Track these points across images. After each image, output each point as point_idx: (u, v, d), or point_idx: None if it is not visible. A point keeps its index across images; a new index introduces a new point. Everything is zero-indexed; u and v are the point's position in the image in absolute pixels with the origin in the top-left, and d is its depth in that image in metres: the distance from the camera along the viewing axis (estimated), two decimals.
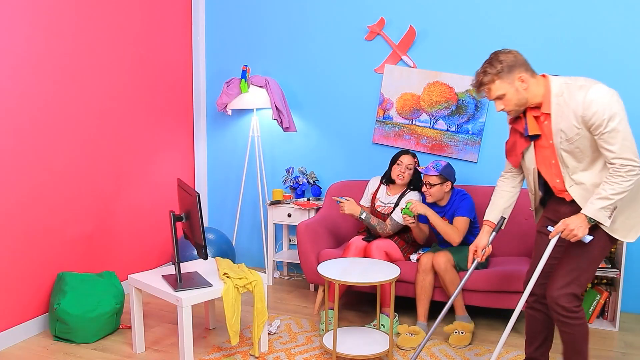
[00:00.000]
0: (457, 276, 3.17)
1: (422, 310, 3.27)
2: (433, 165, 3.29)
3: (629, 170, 2.08)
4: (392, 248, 3.39)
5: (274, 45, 4.38)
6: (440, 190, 3.29)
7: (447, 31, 3.90)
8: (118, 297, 3.29)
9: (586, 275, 2.27)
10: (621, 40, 3.54)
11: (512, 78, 2.21)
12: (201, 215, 2.75)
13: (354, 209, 3.36)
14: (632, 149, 2.08)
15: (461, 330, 3.13)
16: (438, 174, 3.26)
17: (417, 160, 3.52)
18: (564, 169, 2.27)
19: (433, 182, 3.27)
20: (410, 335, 3.16)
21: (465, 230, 3.28)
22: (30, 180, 3.18)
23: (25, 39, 3.09)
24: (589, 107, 2.10)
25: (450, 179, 3.29)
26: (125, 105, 3.86)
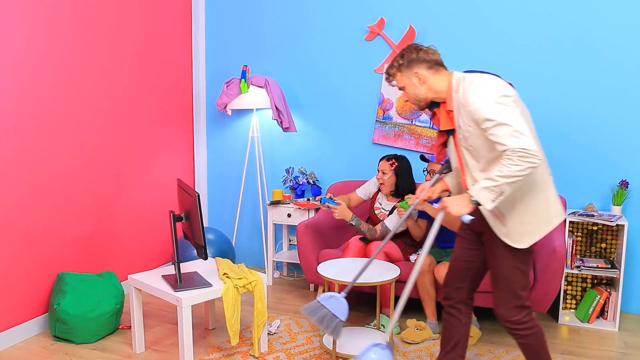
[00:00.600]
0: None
1: (429, 310, 3.27)
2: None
3: (521, 155, 1.97)
4: (392, 248, 3.39)
5: (274, 46, 4.38)
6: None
7: (447, 31, 3.90)
8: (118, 297, 3.29)
9: (518, 285, 2.22)
10: (621, 40, 3.54)
11: (409, 73, 2.26)
12: (201, 216, 2.75)
13: (345, 214, 3.35)
14: (523, 138, 1.98)
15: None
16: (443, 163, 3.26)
17: (394, 162, 3.45)
18: (466, 167, 2.23)
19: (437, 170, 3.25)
20: (416, 329, 3.16)
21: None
22: (30, 180, 3.18)
23: (24, 39, 3.09)
24: (474, 103, 2.07)
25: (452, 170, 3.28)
26: (125, 105, 3.86)
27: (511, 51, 3.77)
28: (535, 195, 2.16)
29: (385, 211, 3.50)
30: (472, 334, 3.15)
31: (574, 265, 3.44)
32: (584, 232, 3.62)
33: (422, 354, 3.05)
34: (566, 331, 3.39)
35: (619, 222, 3.32)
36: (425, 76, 2.25)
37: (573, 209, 3.67)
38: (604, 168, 3.65)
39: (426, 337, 3.18)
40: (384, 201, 3.55)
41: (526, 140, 1.98)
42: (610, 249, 3.57)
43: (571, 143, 3.71)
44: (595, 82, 3.62)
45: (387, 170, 3.45)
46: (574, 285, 3.63)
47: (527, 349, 2.30)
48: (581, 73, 3.64)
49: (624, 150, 3.60)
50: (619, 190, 3.49)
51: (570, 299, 3.65)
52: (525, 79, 3.76)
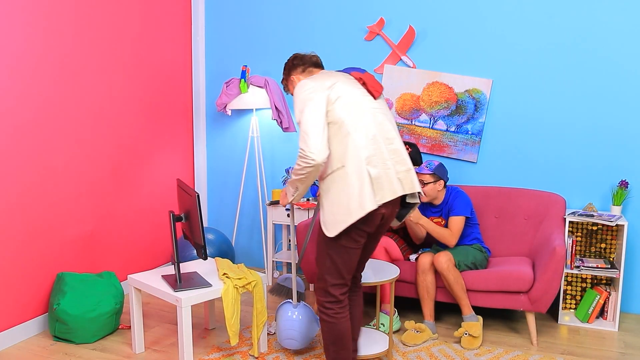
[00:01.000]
0: (459, 274, 3.17)
1: (428, 310, 3.27)
2: (426, 165, 3.34)
3: (300, 156, 2.18)
4: (392, 246, 3.39)
5: (273, 46, 4.38)
6: (433, 189, 3.33)
7: (447, 31, 3.90)
8: (117, 297, 3.29)
9: (325, 269, 2.34)
10: (621, 41, 3.54)
11: (291, 80, 2.58)
12: (201, 216, 2.75)
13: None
14: (306, 139, 2.17)
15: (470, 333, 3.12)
16: (431, 173, 3.30)
17: (407, 147, 3.49)
18: None
19: (426, 180, 3.32)
20: (415, 332, 3.17)
21: (460, 230, 3.29)
22: (30, 180, 3.18)
23: (24, 39, 3.09)
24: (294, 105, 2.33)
25: (443, 177, 3.33)
26: (124, 105, 3.86)
27: (511, 51, 3.77)
28: (342, 188, 2.24)
29: None
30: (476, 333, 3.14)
31: (574, 266, 3.45)
32: (583, 232, 3.62)
33: (422, 354, 3.05)
34: (566, 331, 3.39)
35: (619, 222, 3.32)
36: (299, 79, 2.54)
37: (573, 209, 3.67)
38: (603, 168, 3.66)
39: (427, 338, 3.18)
40: None
41: (307, 141, 2.17)
42: (610, 249, 3.57)
43: (571, 143, 3.71)
44: (595, 82, 3.62)
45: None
46: (573, 285, 3.63)
47: (322, 334, 2.45)
48: (581, 73, 3.64)
49: (623, 150, 3.60)
50: (619, 190, 3.49)
51: (570, 299, 3.65)
52: (524, 79, 3.76)
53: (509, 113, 3.82)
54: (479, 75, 3.85)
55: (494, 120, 3.86)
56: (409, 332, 3.19)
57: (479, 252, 3.34)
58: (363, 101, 2.34)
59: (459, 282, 3.16)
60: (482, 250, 3.36)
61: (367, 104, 2.35)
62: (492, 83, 3.82)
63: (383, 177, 2.26)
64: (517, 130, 3.82)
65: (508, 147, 3.85)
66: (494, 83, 3.83)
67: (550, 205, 3.53)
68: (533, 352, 3.09)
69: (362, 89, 2.39)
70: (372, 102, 2.38)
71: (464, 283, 3.20)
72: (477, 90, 3.84)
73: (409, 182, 2.34)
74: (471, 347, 3.09)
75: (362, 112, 2.31)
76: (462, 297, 3.19)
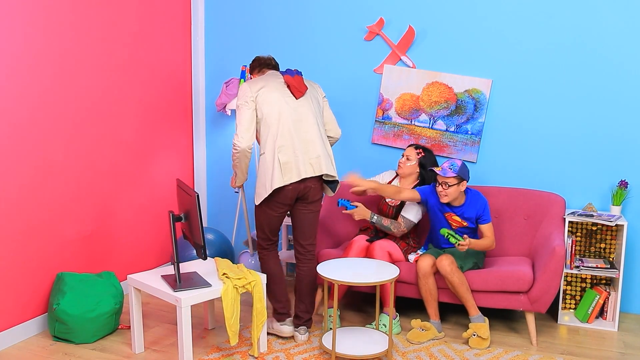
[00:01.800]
0: (462, 276, 3.15)
1: (432, 310, 3.27)
2: (449, 166, 3.21)
3: (233, 146, 2.99)
4: (395, 249, 3.39)
5: (273, 46, 4.38)
6: (457, 190, 3.24)
7: (447, 31, 3.90)
8: (117, 297, 3.29)
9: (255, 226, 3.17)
10: (620, 41, 3.54)
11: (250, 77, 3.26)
12: (200, 216, 2.75)
13: (364, 214, 3.33)
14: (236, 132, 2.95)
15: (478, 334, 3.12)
16: (455, 175, 3.19)
17: (421, 151, 3.50)
18: None
19: (450, 182, 3.20)
20: (421, 330, 3.16)
21: (494, 234, 3.35)
22: (29, 180, 3.18)
23: (23, 38, 3.09)
24: None
25: (466, 178, 3.25)
26: (124, 105, 3.86)
27: (510, 51, 3.77)
28: (262, 170, 2.97)
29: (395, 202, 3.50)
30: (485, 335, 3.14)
31: (574, 265, 3.45)
32: (583, 232, 3.62)
33: (421, 354, 3.05)
34: (565, 331, 3.40)
35: (619, 222, 3.32)
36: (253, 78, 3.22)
37: (572, 209, 3.68)
38: (603, 168, 3.66)
39: (431, 336, 3.19)
40: None
41: (236, 132, 2.95)
42: (610, 249, 3.57)
43: (571, 143, 3.71)
44: (595, 82, 3.62)
45: (413, 157, 3.48)
46: (573, 285, 3.63)
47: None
48: (581, 73, 3.64)
49: (623, 150, 3.61)
50: (619, 190, 3.50)
51: (569, 299, 3.65)
52: (524, 79, 3.76)
53: (508, 113, 3.83)
54: (478, 75, 3.85)
55: (493, 120, 3.86)
56: (414, 330, 3.20)
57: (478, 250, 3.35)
58: (284, 101, 2.99)
59: (464, 284, 3.15)
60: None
61: (288, 104, 3.00)
62: (492, 83, 3.82)
63: (292, 163, 2.93)
64: (517, 130, 3.82)
65: (508, 147, 3.85)
66: (494, 83, 3.83)
67: (550, 205, 3.54)
68: (533, 352, 3.09)
69: (287, 90, 3.02)
70: (294, 101, 3.02)
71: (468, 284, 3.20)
72: (477, 90, 3.84)
73: (318, 166, 3.00)
74: (480, 348, 3.10)
75: (280, 110, 2.97)
76: (467, 299, 3.18)
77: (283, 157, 2.91)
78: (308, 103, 3.05)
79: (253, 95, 2.95)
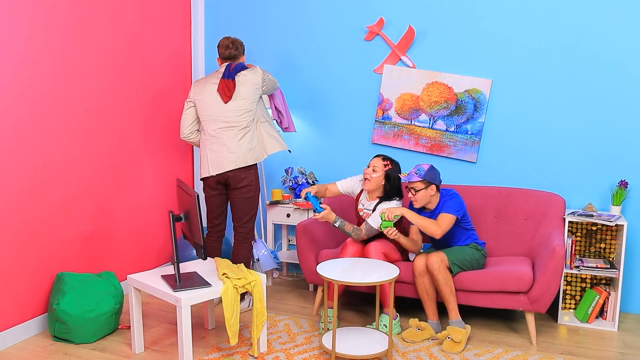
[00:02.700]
0: (450, 277, 3.15)
1: (430, 310, 3.27)
2: (415, 171, 3.20)
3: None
4: (390, 249, 3.38)
5: (273, 45, 4.38)
6: (425, 195, 3.22)
7: (446, 31, 3.90)
8: (117, 297, 3.29)
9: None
10: (620, 41, 3.54)
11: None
12: (200, 216, 2.75)
13: (328, 217, 3.28)
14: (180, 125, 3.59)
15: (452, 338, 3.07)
16: (421, 179, 3.18)
17: (388, 163, 3.36)
18: None
19: (417, 187, 3.20)
20: (417, 330, 3.16)
21: (449, 226, 3.17)
22: (29, 180, 3.18)
23: (23, 38, 3.09)
24: None
25: (435, 182, 3.21)
26: (123, 105, 3.86)
27: (510, 51, 3.77)
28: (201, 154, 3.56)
29: (368, 210, 3.43)
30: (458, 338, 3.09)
31: (573, 265, 3.45)
32: (583, 232, 3.62)
33: (421, 354, 3.05)
34: (565, 331, 3.40)
35: (618, 222, 3.32)
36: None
37: (572, 209, 3.68)
38: (603, 168, 3.66)
39: (427, 336, 3.19)
40: (365, 201, 3.47)
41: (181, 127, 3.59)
42: (610, 249, 3.57)
43: (571, 143, 3.71)
44: (595, 82, 3.62)
45: (379, 168, 3.34)
46: (573, 285, 3.63)
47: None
48: (580, 73, 3.64)
49: (623, 150, 3.61)
50: (618, 190, 3.50)
51: (569, 299, 3.65)
52: (524, 79, 3.76)
53: (508, 113, 3.83)
54: (478, 75, 3.85)
55: (493, 120, 3.86)
56: (410, 329, 3.19)
57: (476, 250, 3.33)
58: (214, 104, 3.42)
59: (448, 285, 3.14)
60: (478, 249, 3.36)
61: (216, 107, 3.42)
62: (492, 83, 3.82)
63: (214, 159, 3.44)
64: (517, 130, 3.82)
65: (507, 147, 3.85)
66: (494, 83, 3.83)
67: (549, 205, 3.54)
68: (533, 352, 3.09)
69: (218, 95, 3.42)
70: (222, 105, 3.41)
71: (454, 286, 3.18)
72: (477, 90, 3.84)
73: (225, 165, 3.42)
74: (451, 351, 3.05)
75: (210, 112, 3.44)
76: (449, 300, 3.16)
77: (210, 153, 3.46)
78: (236, 105, 3.41)
79: (193, 99, 3.52)
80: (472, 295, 3.24)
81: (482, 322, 3.52)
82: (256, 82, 3.47)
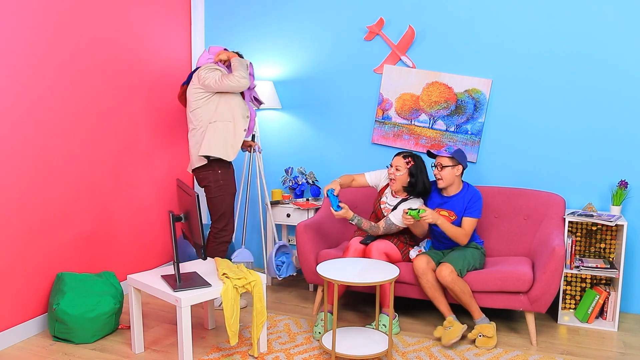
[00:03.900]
0: (465, 283, 3.14)
1: (443, 306, 3.24)
2: (445, 148, 3.32)
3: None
4: (392, 249, 3.38)
5: (273, 45, 4.38)
6: (451, 174, 3.26)
7: (446, 31, 3.90)
8: (117, 297, 3.29)
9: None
10: (619, 41, 3.54)
11: None
12: (200, 216, 2.75)
13: (345, 215, 3.29)
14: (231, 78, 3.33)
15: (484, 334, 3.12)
16: (450, 156, 3.26)
17: (410, 160, 3.38)
18: None
19: (445, 163, 3.25)
20: (448, 328, 3.13)
21: (471, 231, 3.29)
22: (29, 180, 3.18)
23: (24, 38, 3.09)
24: None
25: (462, 162, 3.28)
26: (124, 105, 3.86)
27: (510, 51, 3.77)
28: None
29: (390, 206, 3.47)
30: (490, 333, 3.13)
31: (573, 265, 3.45)
32: (583, 232, 3.62)
33: (421, 354, 3.05)
34: (565, 331, 3.40)
35: (618, 222, 3.32)
36: None
37: (572, 209, 3.68)
38: (603, 168, 3.66)
39: (460, 329, 3.10)
40: (389, 197, 3.50)
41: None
42: (610, 249, 3.57)
43: (570, 143, 3.71)
44: (594, 82, 3.62)
45: (402, 167, 3.36)
46: (573, 285, 3.63)
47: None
48: (580, 73, 3.64)
49: (623, 150, 3.61)
50: (618, 191, 3.50)
51: (569, 299, 3.65)
52: (524, 79, 3.76)
53: (508, 113, 3.83)
54: (478, 75, 3.85)
55: (493, 120, 3.86)
56: (443, 332, 3.13)
57: (475, 249, 3.34)
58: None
59: (466, 291, 3.14)
60: (477, 247, 3.36)
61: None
62: (492, 83, 3.82)
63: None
64: (517, 130, 3.82)
65: (507, 147, 3.85)
66: (494, 83, 3.83)
67: (549, 205, 3.54)
68: (532, 352, 3.09)
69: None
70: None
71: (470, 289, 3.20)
72: (477, 90, 3.84)
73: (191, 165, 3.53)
74: (487, 347, 3.10)
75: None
76: (471, 304, 3.18)
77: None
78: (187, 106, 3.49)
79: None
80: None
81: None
82: (196, 79, 3.41)
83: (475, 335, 3.14)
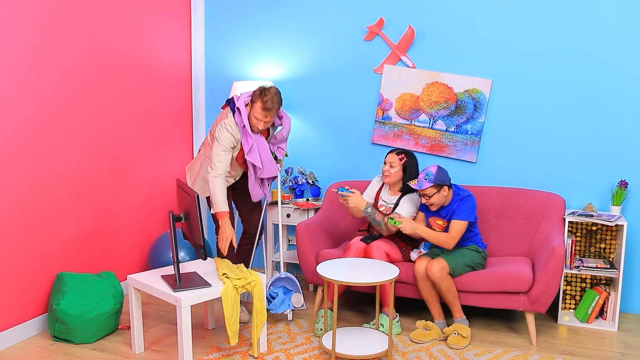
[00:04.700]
0: (452, 283, 3.17)
1: (436, 311, 3.28)
2: (424, 177, 3.20)
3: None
4: (393, 249, 3.39)
5: (273, 45, 4.38)
6: (439, 197, 3.24)
7: (446, 31, 3.90)
8: (117, 297, 3.29)
9: None
10: (619, 41, 3.54)
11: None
12: (200, 216, 2.75)
13: (359, 202, 3.30)
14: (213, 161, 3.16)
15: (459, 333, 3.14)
16: (432, 184, 3.19)
17: (403, 156, 3.41)
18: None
19: (430, 193, 3.21)
20: (424, 330, 3.18)
21: (460, 234, 3.23)
22: (29, 180, 3.18)
23: (24, 38, 3.09)
24: None
25: (445, 183, 3.22)
26: (124, 105, 3.86)
27: (510, 51, 3.77)
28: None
29: (389, 204, 3.49)
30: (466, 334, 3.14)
31: (573, 266, 3.45)
32: (583, 232, 3.62)
33: (421, 354, 3.05)
34: (565, 331, 3.40)
35: (618, 222, 3.32)
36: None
37: (572, 209, 3.68)
38: (603, 168, 3.66)
39: (435, 336, 3.19)
40: (387, 196, 3.52)
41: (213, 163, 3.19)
42: (610, 249, 3.57)
43: (570, 143, 3.71)
44: (595, 82, 3.62)
45: (396, 163, 3.41)
46: (573, 285, 3.63)
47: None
48: (580, 73, 3.64)
49: (623, 150, 3.61)
50: (618, 191, 3.50)
51: (569, 299, 3.65)
52: (524, 79, 3.76)
53: (508, 113, 3.83)
54: (478, 76, 3.85)
55: (493, 121, 3.86)
56: (418, 330, 3.20)
57: (475, 252, 3.33)
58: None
59: (451, 291, 3.18)
60: (478, 251, 3.36)
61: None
62: (492, 83, 3.82)
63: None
64: (517, 130, 3.82)
65: (507, 147, 3.85)
66: (494, 83, 3.83)
67: (549, 205, 3.54)
68: (532, 352, 3.09)
69: None
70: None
71: (456, 289, 3.22)
72: (477, 91, 3.84)
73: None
74: (457, 346, 3.10)
75: None
76: (453, 303, 3.23)
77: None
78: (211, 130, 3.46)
79: None
80: (472, 295, 3.25)
81: (482, 322, 3.52)
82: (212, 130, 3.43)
83: (451, 331, 3.16)
